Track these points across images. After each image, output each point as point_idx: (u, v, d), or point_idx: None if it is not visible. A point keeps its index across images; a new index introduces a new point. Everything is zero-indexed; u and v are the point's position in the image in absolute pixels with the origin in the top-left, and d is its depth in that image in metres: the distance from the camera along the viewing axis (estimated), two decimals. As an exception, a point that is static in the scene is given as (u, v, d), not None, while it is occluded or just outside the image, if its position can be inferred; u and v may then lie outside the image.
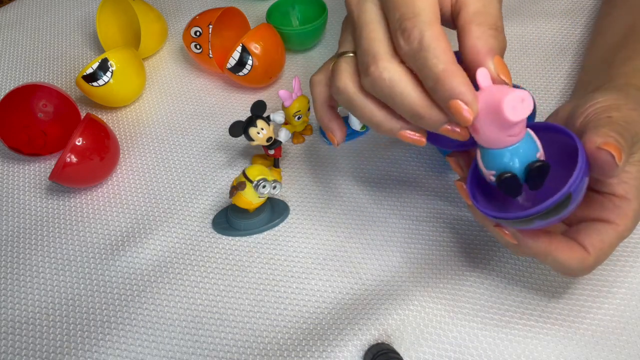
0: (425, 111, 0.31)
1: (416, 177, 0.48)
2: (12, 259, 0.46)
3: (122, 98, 0.56)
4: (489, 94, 0.29)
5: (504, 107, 0.28)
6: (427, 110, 0.31)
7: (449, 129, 0.31)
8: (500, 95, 0.28)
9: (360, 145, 0.52)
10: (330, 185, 0.49)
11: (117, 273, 0.44)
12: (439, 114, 0.31)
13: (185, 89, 0.59)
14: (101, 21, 0.61)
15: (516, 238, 0.34)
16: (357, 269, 0.43)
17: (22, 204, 0.50)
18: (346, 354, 0.38)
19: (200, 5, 0.69)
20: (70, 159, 0.46)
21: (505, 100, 0.28)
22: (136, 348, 0.40)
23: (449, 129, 0.31)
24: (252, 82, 0.56)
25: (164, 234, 0.47)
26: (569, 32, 0.59)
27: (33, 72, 0.63)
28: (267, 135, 0.46)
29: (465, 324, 0.39)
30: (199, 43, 0.57)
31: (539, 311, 0.39)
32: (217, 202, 0.48)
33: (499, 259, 0.42)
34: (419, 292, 0.40)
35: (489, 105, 0.29)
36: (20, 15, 0.70)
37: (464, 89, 0.29)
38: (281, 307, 0.41)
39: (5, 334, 0.42)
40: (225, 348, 0.39)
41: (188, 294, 0.43)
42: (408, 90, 0.31)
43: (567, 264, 0.34)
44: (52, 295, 0.44)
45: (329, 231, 0.45)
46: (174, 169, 0.52)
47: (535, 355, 0.37)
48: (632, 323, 0.38)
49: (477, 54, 0.31)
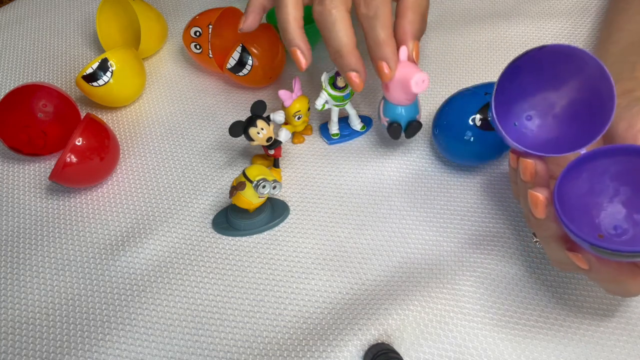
0: (346, 52, 0.41)
1: (416, 177, 0.48)
2: (12, 259, 0.46)
3: (122, 98, 0.56)
4: (404, 67, 0.41)
5: (411, 82, 0.41)
6: (348, 53, 0.41)
7: (352, 76, 0.42)
8: (411, 72, 0.41)
9: (360, 145, 0.52)
10: (330, 185, 0.49)
11: (117, 273, 0.44)
12: (354, 60, 0.41)
13: (185, 89, 0.59)
14: (101, 21, 0.61)
15: (589, 263, 0.32)
16: (357, 269, 0.43)
17: (22, 204, 0.50)
18: (346, 354, 0.38)
19: (200, 5, 0.69)
20: (70, 159, 0.46)
21: (413, 77, 0.40)
22: (136, 348, 0.40)
23: (352, 75, 0.42)
24: (252, 82, 0.56)
25: (164, 234, 0.47)
26: (569, 33, 0.59)
27: (33, 72, 0.63)
28: (267, 135, 0.46)
29: (465, 324, 0.39)
30: (199, 43, 0.57)
31: (539, 311, 0.39)
32: (217, 202, 0.48)
33: (499, 259, 0.42)
34: (419, 292, 0.40)
35: (402, 77, 0.41)
36: (20, 15, 0.70)
37: (392, 57, 0.41)
38: (281, 307, 0.41)
39: (5, 334, 0.42)
40: (225, 348, 0.39)
41: (188, 294, 0.43)
42: (343, 32, 0.40)
43: (634, 291, 0.33)
44: (52, 295, 0.44)
45: (329, 231, 0.45)
46: (174, 169, 0.52)
47: (535, 355, 0.37)
48: (632, 323, 0.38)
49: (405, 34, 0.42)
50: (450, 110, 0.46)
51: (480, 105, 0.44)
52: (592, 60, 0.32)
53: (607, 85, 0.31)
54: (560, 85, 0.35)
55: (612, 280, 0.32)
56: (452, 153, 0.47)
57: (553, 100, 0.36)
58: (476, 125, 0.44)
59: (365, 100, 0.56)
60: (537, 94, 0.36)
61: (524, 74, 0.35)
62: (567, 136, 0.35)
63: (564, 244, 0.33)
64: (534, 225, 0.35)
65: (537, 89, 0.36)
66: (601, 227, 0.33)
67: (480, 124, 0.43)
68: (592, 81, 0.33)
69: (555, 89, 0.35)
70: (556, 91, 0.35)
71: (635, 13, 0.49)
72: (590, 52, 0.32)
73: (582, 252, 0.32)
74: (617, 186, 0.32)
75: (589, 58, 0.32)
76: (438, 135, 0.47)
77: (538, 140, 0.36)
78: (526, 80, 0.35)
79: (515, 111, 0.36)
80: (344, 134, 0.52)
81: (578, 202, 0.32)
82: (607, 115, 0.32)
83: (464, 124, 0.44)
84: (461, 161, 0.48)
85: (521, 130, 0.36)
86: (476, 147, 0.44)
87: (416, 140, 0.51)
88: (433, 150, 0.50)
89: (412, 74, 0.41)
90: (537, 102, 0.36)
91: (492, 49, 0.59)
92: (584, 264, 0.32)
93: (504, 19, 0.62)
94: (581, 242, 0.30)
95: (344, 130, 0.52)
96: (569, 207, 0.32)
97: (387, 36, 0.41)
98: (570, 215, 0.31)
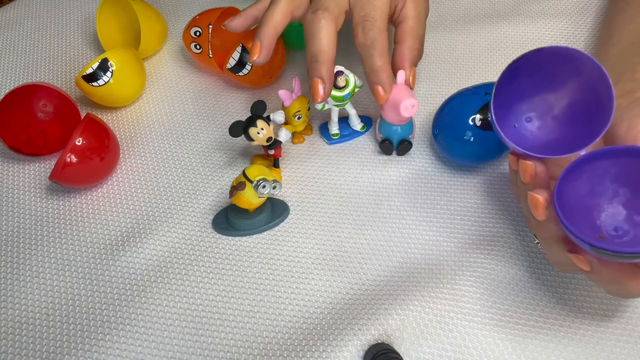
0: (322, 60, 0.42)
1: (416, 178, 0.49)
2: (12, 259, 0.46)
3: (122, 98, 0.56)
4: (398, 91, 0.44)
5: (400, 106, 0.43)
6: (324, 61, 0.42)
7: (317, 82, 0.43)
8: (401, 97, 0.44)
9: (360, 145, 0.52)
10: (330, 185, 0.49)
11: (117, 273, 0.44)
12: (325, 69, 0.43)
13: (185, 89, 0.59)
14: (101, 21, 0.61)
15: (590, 264, 0.32)
16: (357, 269, 0.43)
17: (22, 204, 0.50)
18: (346, 354, 0.38)
19: (200, 5, 0.69)
20: (70, 159, 0.46)
21: (403, 102, 0.43)
22: (136, 348, 0.40)
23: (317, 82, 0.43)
24: (252, 82, 0.56)
25: (164, 234, 0.47)
26: (569, 33, 0.59)
27: (33, 72, 0.63)
28: (267, 135, 0.46)
29: (465, 324, 0.39)
30: (199, 43, 0.57)
31: (539, 311, 0.39)
32: (217, 202, 0.49)
33: (499, 259, 0.42)
34: (419, 292, 0.40)
35: (395, 100, 0.44)
36: (20, 15, 0.70)
37: (387, 82, 0.44)
38: (281, 307, 0.41)
39: (5, 334, 0.42)
40: (225, 348, 0.39)
41: (188, 294, 0.43)
42: (326, 40, 0.42)
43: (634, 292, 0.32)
44: (52, 295, 0.44)
45: (329, 231, 0.45)
46: (174, 169, 0.52)
47: (535, 355, 0.37)
48: (632, 323, 0.38)
49: (404, 60, 0.46)
50: (450, 110, 0.46)
51: (480, 105, 0.44)
52: (589, 61, 0.32)
53: (606, 87, 0.31)
54: (559, 86, 0.35)
55: (613, 281, 0.32)
56: (452, 153, 0.47)
57: (552, 101, 0.36)
58: (476, 125, 0.44)
59: (366, 100, 0.56)
60: (536, 95, 0.36)
61: (522, 76, 0.35)
62: (566, 137, 0.35)
63: (564, 245, 0.33)
64: (535, 227, 0.35)
65: (536, 91, 0.36)
66: (602, 228, 0.32)
67: (480, 124, 0.43)
68: (590, 82, 0.33)
69: (554, 90, 0.35)
70: (555, 93, 0.35)
71: (635, 14, 0.49)
72: (587, 54, 0.32)
73: (583, 254, 0.32)
74: (617, 187, 0.32)
75: (586, 59, 0.32)
76: (438, 135, 0.47)
77: (538, 142, 0.36)
78: (525, 82, 0.35)
79: (514, 113, 0.36)
80: (344, 134, 0.52)
81: (578, 204, 0.32)
82: (606, 116, 0.32)
83: (464, 124, 0.44)
84: (461, 161, 0.48)
85: (521, 132, 0.36)
86: (476, 147, 0.44)
87: (416, 140, 0.51)
88: (433, 150, 0.50)
89: (403, 98, 0.43)
90: (536, 103, 0.36)
91: (492, 49, 0.59)
92: (585, 265, 0.32)
93: (504, 19, 0.62)
94: (581, 244, 0.30)
95: (344, 130, 0.52)
96: (569, 209, 0.32)
97: (384, 63, 0.43)
98: (570, 216, 0.31)
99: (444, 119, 0.46)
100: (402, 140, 0.48)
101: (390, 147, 0.49)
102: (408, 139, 0.48)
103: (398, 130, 0.48)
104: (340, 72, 0.46)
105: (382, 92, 0.44)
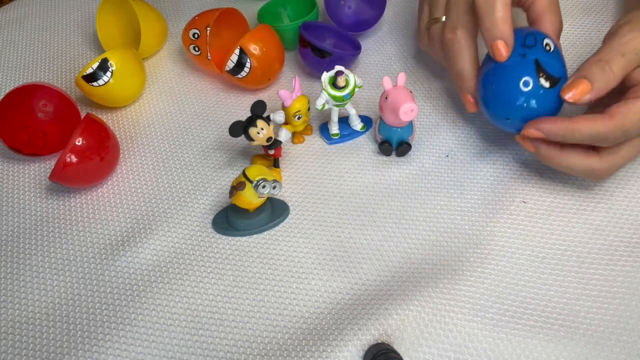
0: (467, 78, 0.45)
1: (416, 177, 0.49)
2: (12, 259, 0.46)
3: (122, 98, 0.56)
4: (398, 93, 0.45)
5: (399, 111, 0.44)
6: (468, 79, 0.45)
7: (468, 96, 0.46)
8: (402, 100, 0.44)
9: (360, 145, 0.52)
10: (330, 185, 0.49)
11: (117, 273, 0.44)
12: (472, 85, 0.45)
13: (185, 89, 0.59)
14: (101, 21, 0.61)
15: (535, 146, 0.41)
16: (357, 269, 0.43)
17: (22, 204, 0.50)
18: (346, 354, 0.38)
19: (200, 5, 0.69)
20: (70, 159, 0.46)
21: (402, 107, 0.43)
22: (136, 348, 0.40)
23: (468, 96, 0.46)
24: (251, 84, 0.56)
25: (164, 234, 0.47)
26: (569, 33, 0.59)
27: (33, 72, 0.63)
28: (267, 135, 0.46)
29: (465, 324, 0.39)
30: (198, 45, 0.57)
31: (539, 311, 0.39)
32: (217, 202, 0.49)
33: (499, 259, 0.42)
34: (419, 292, 0.40)
35: (395, 103, 0.44)
36: (20, 15, 0.71)
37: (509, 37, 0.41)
38: (281, 307, 0.41)
39: (5, 334, 0.42)
40: (225, 348, 0.39)
41: (188, 294, 0.43)
42: (467, 59, 0.45)
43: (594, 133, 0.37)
44: (52, 295, 0.44)
45: (329, 231, 0.45)
46: (174, 169, 0.52)
47: (535, 355, 0.37)
48: (632, 323, 0.38)
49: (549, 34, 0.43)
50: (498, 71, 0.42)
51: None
52: None
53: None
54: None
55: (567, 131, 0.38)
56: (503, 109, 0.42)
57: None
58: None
59: (365, 100, 0.56)
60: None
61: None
62: None
63: None
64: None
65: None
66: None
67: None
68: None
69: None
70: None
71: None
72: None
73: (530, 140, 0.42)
74: None
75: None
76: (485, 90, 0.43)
77: None
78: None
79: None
80: (344, 134, 0.52)
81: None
82: None
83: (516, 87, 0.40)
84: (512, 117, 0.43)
85: None
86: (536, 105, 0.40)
87: (416, 140, 0.51)
88: (433, 150, 0.50)
89: (403, 102, 0.43)
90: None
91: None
92: (530, 147, 0.42)
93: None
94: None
95: (344, 130, 0.52)
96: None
97: (506, 13, 0.40)
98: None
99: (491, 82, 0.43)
100: (402, 142, 0.48)
101: (390, 148, 0.49)
102: (407, 141, 0.48)
103: (398, 131, 0.48)
104: (340, 72, 0.46)
105: (504, 50, 0.40)
